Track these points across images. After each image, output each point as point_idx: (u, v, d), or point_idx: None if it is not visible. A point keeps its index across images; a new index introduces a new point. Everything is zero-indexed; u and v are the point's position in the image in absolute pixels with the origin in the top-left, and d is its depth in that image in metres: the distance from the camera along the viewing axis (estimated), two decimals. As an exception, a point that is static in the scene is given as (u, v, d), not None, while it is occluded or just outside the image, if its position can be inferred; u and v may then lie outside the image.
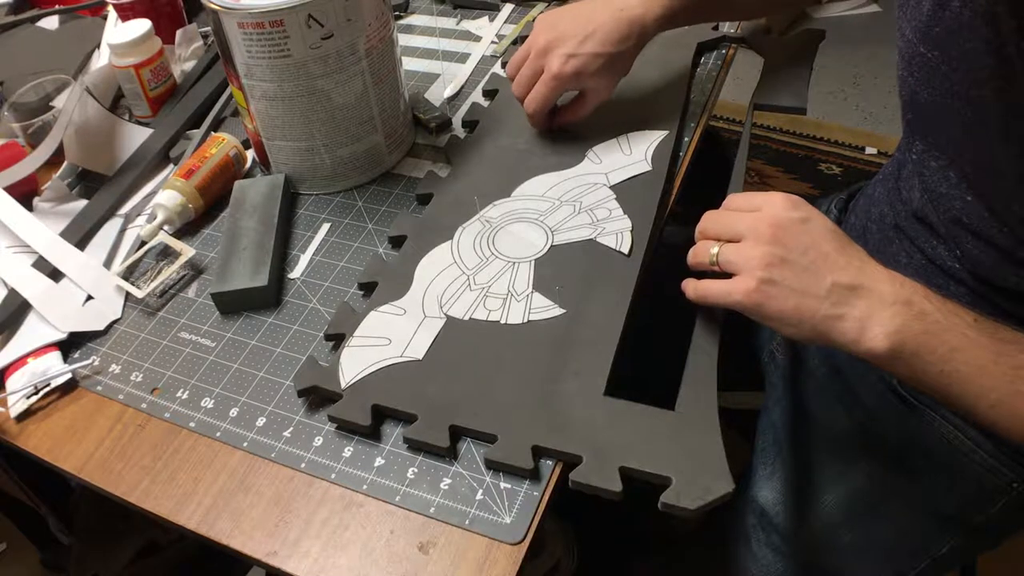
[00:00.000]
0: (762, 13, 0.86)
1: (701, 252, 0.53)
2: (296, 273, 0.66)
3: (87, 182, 0.77)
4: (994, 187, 0.51)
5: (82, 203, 0.74)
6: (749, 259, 0.49)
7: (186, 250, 0.67)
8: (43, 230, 0.69)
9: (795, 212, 0.50)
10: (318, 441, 0.54)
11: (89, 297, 0.65)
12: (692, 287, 0.54)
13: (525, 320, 0.58)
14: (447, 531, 0.49)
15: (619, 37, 0.66)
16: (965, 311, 0.47)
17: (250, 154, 0.77)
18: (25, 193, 0.74)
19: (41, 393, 0.59)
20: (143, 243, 0.69)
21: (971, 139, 0.51)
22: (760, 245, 0.49)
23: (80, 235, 0.70)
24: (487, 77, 0.85)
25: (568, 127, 0.74)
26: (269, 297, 0.63)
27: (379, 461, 0.52)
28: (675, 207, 0.69)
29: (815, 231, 0.49)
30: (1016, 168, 0.49)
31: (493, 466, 0.51)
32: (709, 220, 0.54)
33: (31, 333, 0.63)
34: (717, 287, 0.51)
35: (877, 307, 0.47)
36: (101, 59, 0.89)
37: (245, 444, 0.54)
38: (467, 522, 0.49)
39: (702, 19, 0.75)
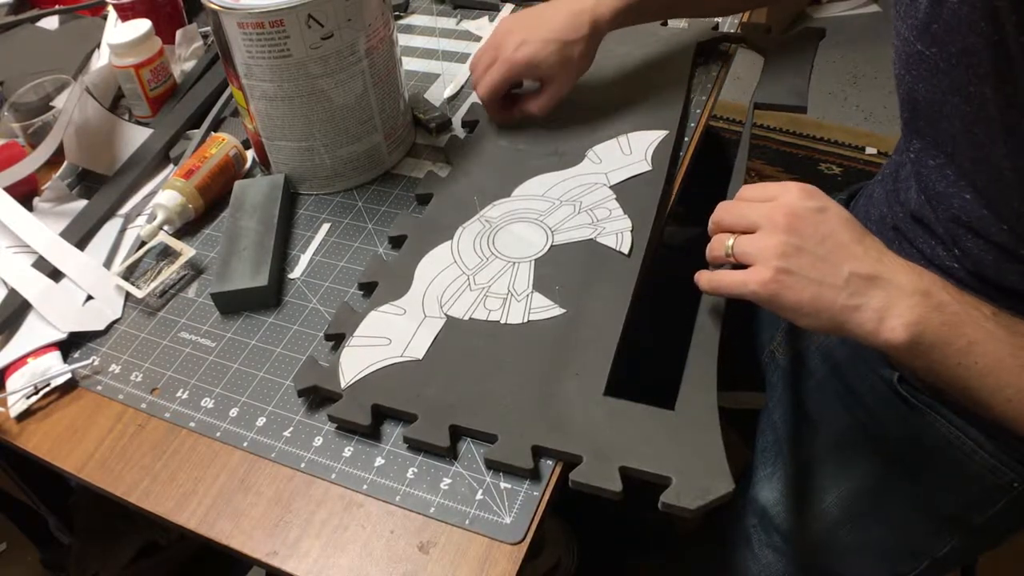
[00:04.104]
0: (726, 11, 0.86)
1: (717, 246, 0.52)
2: (296, 273, 0.66)
3: (87, 182, 0.77)
4: (993, 184, 0.51)
5: (82, 203, 0.74)
6: (764, 249, 0.48)
7: (186, 250, 0.67)
8: (43, 230, 0.69)
9: (811, 201, 0.49)
10: (318, 441, 0.54)
11: (89, 297, 0.65)
12: (706, 278, 0.53)
13: (525, 320, 0.58)
14: (447, 531, 0.49)
15: (571, 27, 0.69)
16: (983, 304, 0.46)
17: (250, 154, 0.77)
18: (25, 193, 0.74)
19: (41, 393, 0.59)
20: (143, 243, 0.69)
21: (970, 136, 0.51)
22: (776, 235, 0.48)
23: (80, 235, 0.70)
24: (487, 77, 0.85)
25: (568, 127, 0.74)
26: (269, 297, 0.63)
27: (379, 461, 0.52)
28: (675, 207, 0.69)
29: (832, 220, 0.48)
30: (1016, 164, 0.48)
31: (493, 466, 0.51)
32: (723, 211, 0.53)
33: (31, 333, 0.63)
34: (732, 278, 0.50)
35: (896, 298, 0.46)
36: (101, 59, 0.89)
37: (245, 444, 0.54)
38: (467, 522, 0.49)
39: (661, 16, 0.78)
